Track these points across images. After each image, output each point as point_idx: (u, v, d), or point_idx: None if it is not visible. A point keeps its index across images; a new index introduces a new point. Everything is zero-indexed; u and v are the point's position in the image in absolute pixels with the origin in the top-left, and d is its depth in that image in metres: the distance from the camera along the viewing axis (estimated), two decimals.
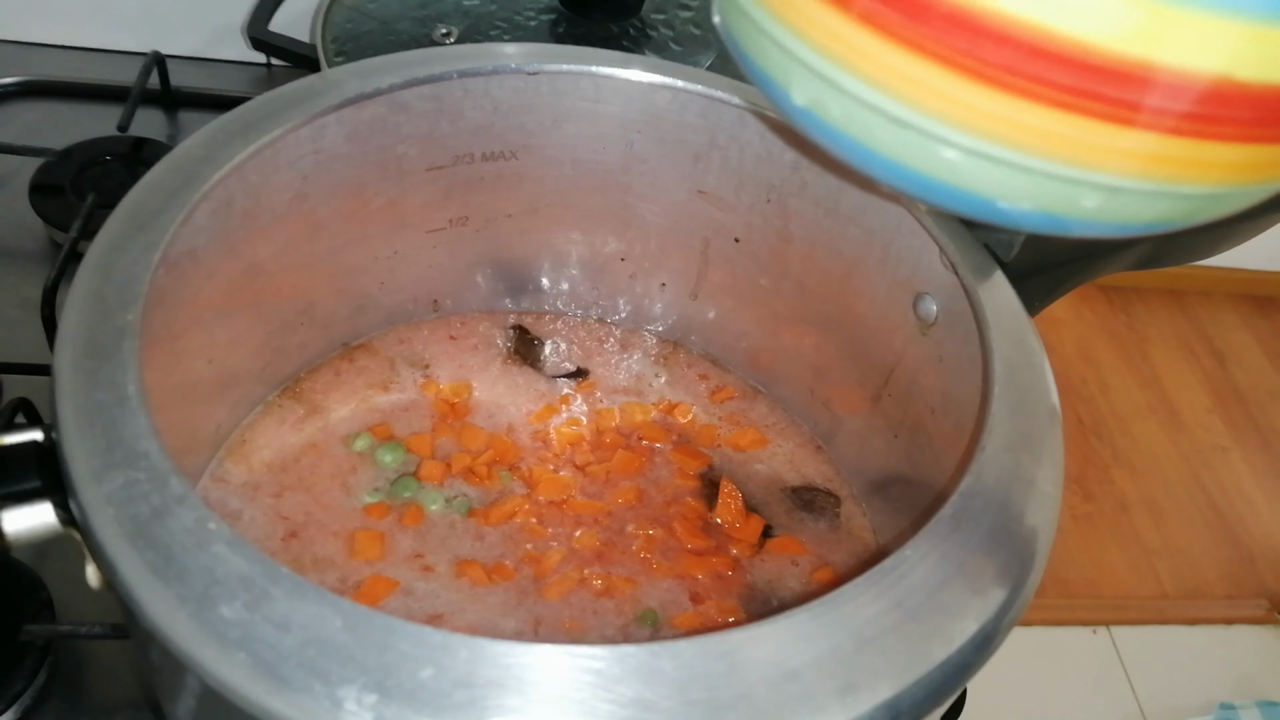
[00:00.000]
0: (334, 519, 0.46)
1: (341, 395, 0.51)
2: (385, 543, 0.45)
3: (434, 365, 0.53)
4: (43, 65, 0.75)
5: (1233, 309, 1.99)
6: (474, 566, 0.44)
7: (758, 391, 0.54)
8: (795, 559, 0.47)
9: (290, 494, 0.46)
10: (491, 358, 0.53)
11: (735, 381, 0.55)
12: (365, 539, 0.45)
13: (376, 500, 0.46)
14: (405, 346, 0.53)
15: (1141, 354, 1.88)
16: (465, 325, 0.54)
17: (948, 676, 0.29)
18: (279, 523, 0.45)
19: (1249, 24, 0.20)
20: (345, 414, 0.50)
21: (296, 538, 0.44)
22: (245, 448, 0.47)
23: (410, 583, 0.43)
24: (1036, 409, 0.36)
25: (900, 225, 0.44)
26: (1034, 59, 0.21)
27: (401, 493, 0.47)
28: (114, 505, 0.29)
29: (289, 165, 0.43)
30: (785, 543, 0.48)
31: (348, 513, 0.46)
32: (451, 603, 0.43)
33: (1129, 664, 1.45)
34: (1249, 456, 1.75)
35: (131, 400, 0.31)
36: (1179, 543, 1.61)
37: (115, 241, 0.36)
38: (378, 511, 0.46)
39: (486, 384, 0.52)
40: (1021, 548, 0.32)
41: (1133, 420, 1.77)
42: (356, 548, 0.44)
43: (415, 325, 0.54)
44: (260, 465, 0.47)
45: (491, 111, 0.47)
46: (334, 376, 0.51)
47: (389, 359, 0.52)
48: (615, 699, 0.26)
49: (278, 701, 0.26)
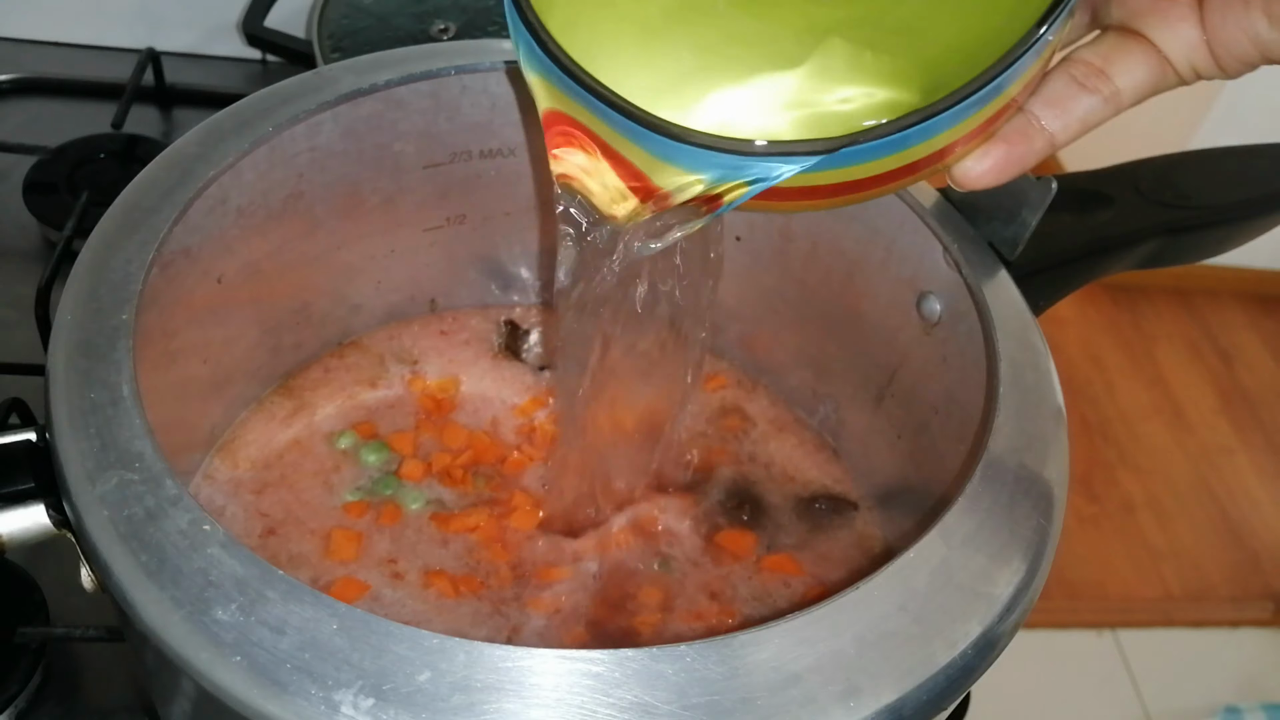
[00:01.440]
0: (313, 516, 0.45)
1: (329, 391, 0.50)
2: (361, 543, 0.45)
3: (423, 361, 0.52)
4: (36, 62, 0.75)
5: (1239, 308, 1.99)
6: (442, 577, 0.44)
7: (756, 382, 0.54)
8: (788, 580, 0.46)
9: (272, 491, 0.46)
10: (482, 352, 0.53)
11: (730, 372, 0.54)
12: (341, 538, 0.44)
13: (357, 499, 0.46)
14: (395, 342, 0.53)
15: (1147, 354, 1.88)
16: (457, 320, 0.54)
17: (951, 680, 0.28)
18: (258, 519, 0.45)
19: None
20: (331, 411, 0.50)
21: (274, 535, 0.44)
22: (234, 444, 0.47)
23: (379, 589, 0.43)
24: (1041, 409, 0.36)
25: (904, 224, 0.44)
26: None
27: (382, 490, 0.47)
28: (108, 507, 0.29)
29: (285, 163, 0.42)
30: (781, 561, 0.47)
31: (327, 510, 0.46)
32: (417, 612, 0.43)
33: (1134, 666, 1.44)
34: (1255, 458, 1.74)
35: (126, 400, 0.31)
36: (1184, 544, 1.60)
37: (109, 240, 0.36)
38: (357, 510, 0.46)
39: (475, 378, 0.52)
40: (1026, 549, 0.32)
41: (1138, 421, 1.76)
42: (332, 547, 0.44)
43: (407, 321, 0.54)
44: (246, 461, 0.47)
45: (489, 108, 0.46)
46: (324, 373, 0.51)
47: (379, 355, 0.52)
48: (615, 703, 0.26)
49: (273, 705, 0.26)
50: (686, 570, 0.46)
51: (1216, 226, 0.45)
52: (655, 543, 0.46)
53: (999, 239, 0.42)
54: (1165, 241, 0.45)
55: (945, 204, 0.43)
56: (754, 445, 0.52)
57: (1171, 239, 0.45)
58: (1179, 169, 0.47)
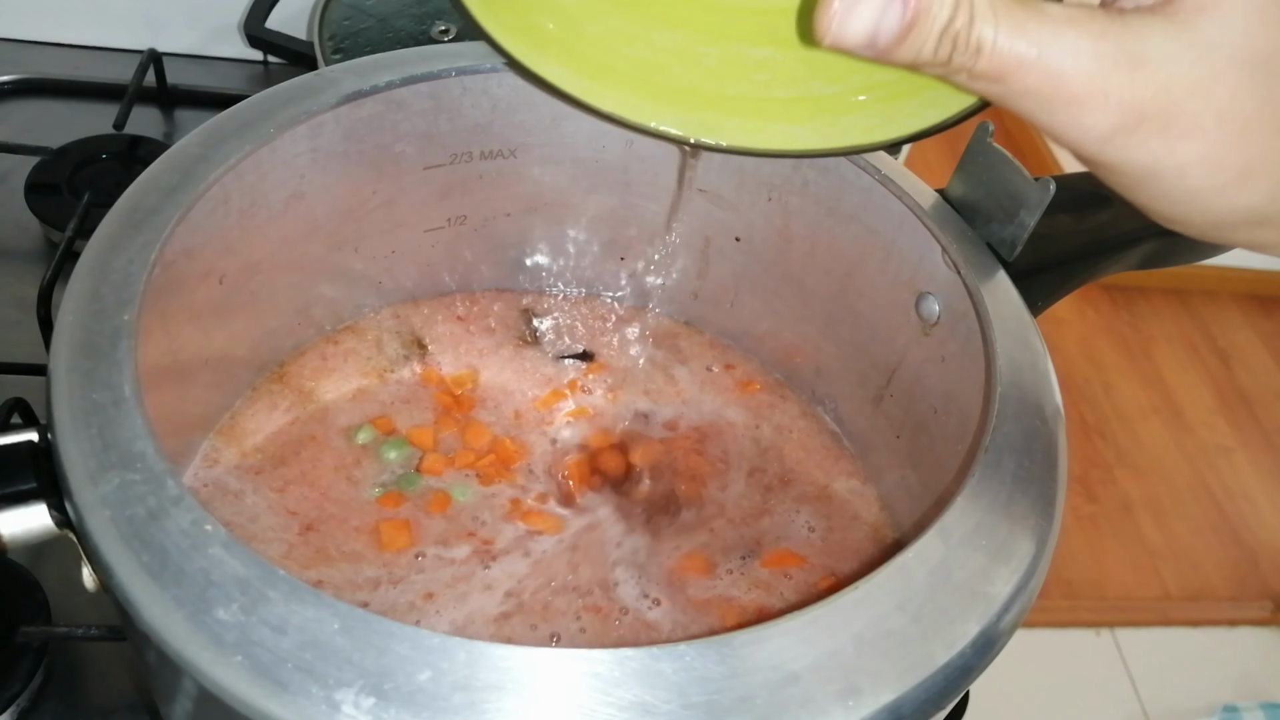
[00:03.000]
0: (350, 513, 0.45)
1: (334, 381, 0.50)
2: (411, 530, 0.45)
3: (436, 352, 0.52)
4: (38, 63, 0.75)
5: (1237, 308, 1.99)
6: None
7: (753, 379, 0.54)
8: (788, 571, 0.46)
9: (295, 488, 0.46)
10: (500, 343, 0.53)
11: (728, 367, 0.55)
12: (390, 530, 0.45)
13: (382, 493, 0.46)
14: (401, 329, 0.53)
15: (1145, 354, 1.88)
16: (476, 304, 0.54)
17: (950, 679, 0.28)
18: (287, 516, 0.44)
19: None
20: (344, 404, 0.49)
21: (314, 531, 0.44)
22: (235, 429, 0.47)
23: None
24: (1040, 409, 0.36)
25: (902, 224, 0.44)
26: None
27: (407, 489, 0.47)
28: (110, 507, 0.29)
29: (286, 164, 0.42)
30: (782, 557, 0.47)
31: (362, 505, 0.46)
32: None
33: (1132, 666, 1.44)
34: (1253, 457, 1.74)
35: (128, 401, 0.31)
36: (1182, 544, 1.60)
37: (111, 240, 0.36)
38: (392, 501, 0.46)
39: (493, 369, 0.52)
40: (1024, 549, 0.32)
41: (1136, 420, 1.77)
42: (384, 539, 0.44)
43: (415, 303, 0.53)
44: (253, 449, 0.46)
45: (490, 109, 0.46)
46: (321, 360, 0.51)
47: (377, 339, 0.52)
48: (615, 702, 0.26)
49: (275, 705, 0.26)
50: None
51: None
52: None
53: (997, 239, 0.42)
54: (1163, 242, 0.45)
55: (944, 205, 0.43)
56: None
57: (1169, 240, 0.45)
58: None
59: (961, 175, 0.43)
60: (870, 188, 0.44)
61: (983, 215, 0.42)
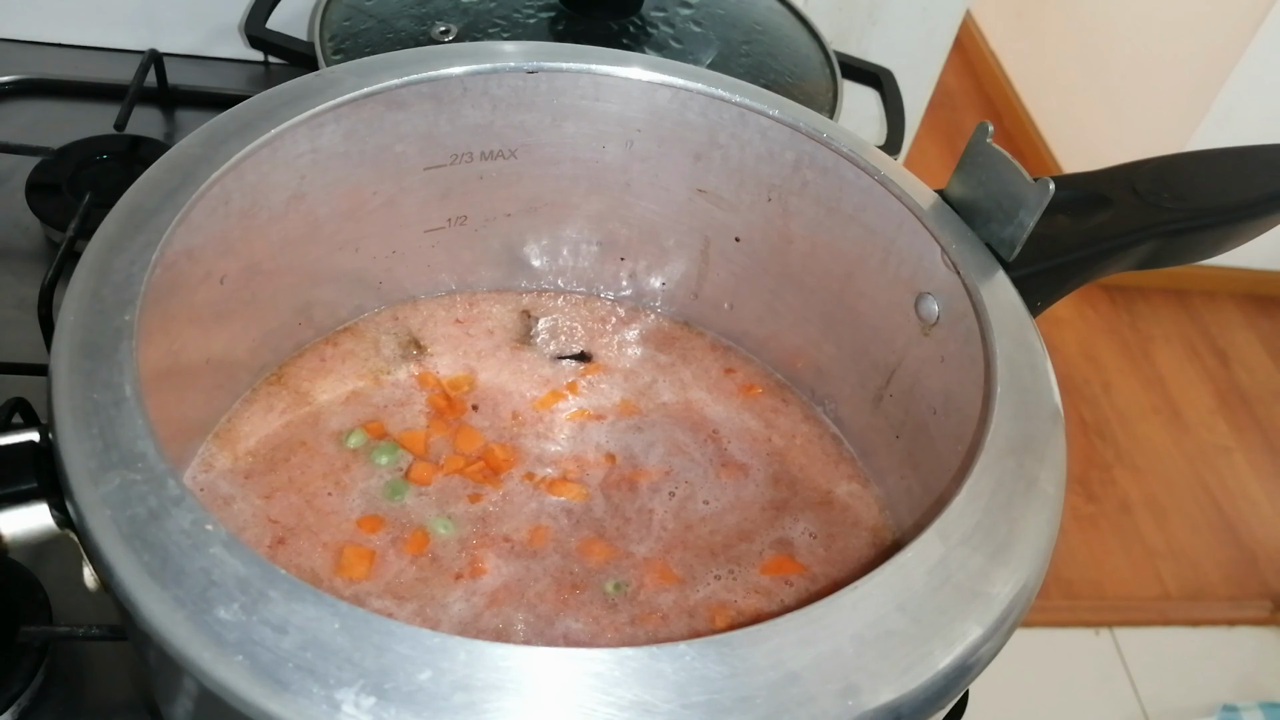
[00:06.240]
0: (323, 525, 0.45)
1: (329, 382, 0.50)
2: (372, 563, 0.44)
3: (435, 354, 0.52)
4: (39, 63, 0.75)
5: (1236, 309, 1.99)
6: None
7: (755, 383, 0.54)
8: (789, 579, 0.47)
9: (281, 495, 0.45)
10: (498, 344, 0.53)
11: (723, 366, 0.55)
12: (352, 555, 0.44)
13: (363, 515, 0.45)
14: (399, 331, 0.53)
15: (1144, 354, 1.88)
16: (476, 305, 0.54)
17: (949, 679, 0.29)
18: (268, 526, 0.44)
19: None
20: (335, 405, 0.49)
21: (284, 545, 0.44)
22: (232, 433, 0.47)
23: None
24: (1039, 409, 0.36)
25: (902, 224, 0.44)
26: None
27: (393, 498, 0.46)
28: (111, 506, 0.29)
29: (287, 164, 0.42)
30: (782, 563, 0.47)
31: (340, 521, 0.45)
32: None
33: (1131, 665, 1.44)
34: (1252, 457, 1.74)
35: (129, 401, 0.31)
36: (1182, 544, 1.61)
37: (112, 241, 0.36)
38: (370, 525, 0.45)
39: (491, 370, 0.52)
40: (1024, 549, 0.32)
41: (1136, 421, 1.77)
42: (344, 563, 0.43)
43: (414, 304, 0.53)
44: (246, 453, 0.46)
45: (490, 110, 0.47)
46: (319, 362, 0.51)
47: (375, 340, 0.52)
48: (615, 702, 0.26)
49: (275, 704, 0.26)
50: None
51: (1214, 228, 0.46)
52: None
53: (997, 240, 0.42)
54: (1162, 242, 0.45)
55: (943, 205, 0.43)
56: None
57: (1168, 240, 0.45)
58: (1176, 170, 0.47)
59: (961, 175, 0.43)
60: (870, 188, 0.44)
61: (982, 215, 0.42)
